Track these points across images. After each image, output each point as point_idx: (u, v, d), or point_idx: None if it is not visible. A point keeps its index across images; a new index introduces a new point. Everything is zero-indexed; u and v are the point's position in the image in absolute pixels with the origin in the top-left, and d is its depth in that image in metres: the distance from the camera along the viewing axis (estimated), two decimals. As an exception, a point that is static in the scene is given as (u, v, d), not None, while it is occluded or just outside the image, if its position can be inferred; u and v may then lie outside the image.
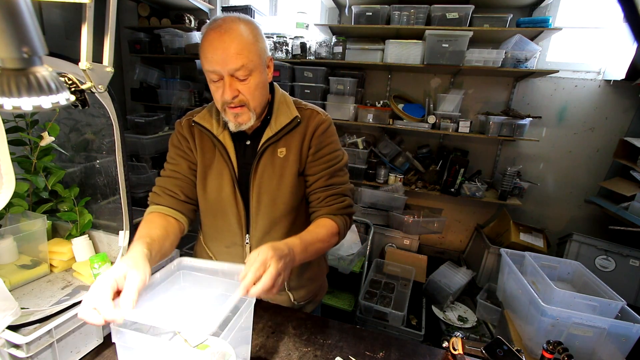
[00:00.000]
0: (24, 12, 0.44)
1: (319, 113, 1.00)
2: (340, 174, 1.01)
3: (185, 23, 3.03)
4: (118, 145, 0.99)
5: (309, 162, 0.98)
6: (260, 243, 0.96)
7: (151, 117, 2.93)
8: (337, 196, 0.99)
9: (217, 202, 0.99)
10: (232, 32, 0.81)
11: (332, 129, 1.01)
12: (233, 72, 0.83)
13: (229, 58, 0.81)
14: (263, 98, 0.92)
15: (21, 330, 0.77)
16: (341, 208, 0.98)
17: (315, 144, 0.97)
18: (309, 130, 0.97)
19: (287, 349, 0.85)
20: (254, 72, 0.85)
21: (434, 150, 2.92)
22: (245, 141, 0.98)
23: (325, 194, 0.98)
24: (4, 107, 0.46)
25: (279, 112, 0.97)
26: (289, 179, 0.97)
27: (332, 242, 0.96)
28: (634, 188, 2.22)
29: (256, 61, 0.85)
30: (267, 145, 0.95)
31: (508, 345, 0.85)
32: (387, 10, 2.48)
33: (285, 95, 1.01)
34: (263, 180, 0.96)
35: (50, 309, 0.86)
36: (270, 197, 0.97)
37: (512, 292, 1.77)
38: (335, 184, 0.99)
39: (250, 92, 0.87)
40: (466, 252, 2.99)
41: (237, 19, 0.84)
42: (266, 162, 0.96)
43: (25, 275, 1.01)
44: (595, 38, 2.51)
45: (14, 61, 0.45)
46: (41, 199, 1.09)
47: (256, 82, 0.87)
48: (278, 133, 0.95)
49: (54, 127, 1.04)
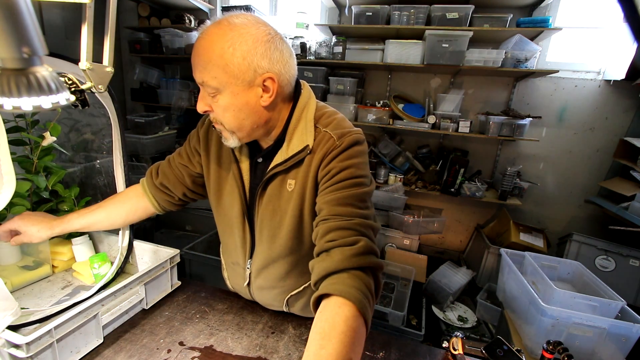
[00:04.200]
0: (24, 12, 0.44)
1: (332, 137, 0.76)
2: (356, 204, 0.71)
3: (185, 23, 3.03)
4: (118, 145, 0.99)
5: (318, 196, 0.76)
6: (258, 274, 0.93)
7: (151, 117, 2.93)
8: (344, 232, 0.66)
9: (228, 218, 0.91)
10: (203, 40, 0.67)
11: (351, 151, 0.75)
12: (200, 84, 0.71)
13: (196, 69, 0.69)
14: (244, 123, 0.73)
15: (21, 330, 0.77)
16: (351, 255, 0.62)
17: (323, 173, 0.76)
18: (315, 161, 0.76)
19: (287, 349, 0.85)
20: (223, 92, 0.69)
21: (434, 150, 2.92)
22: (257, 158, 0.85)
23: (327, 225, 0.68)
24: (4, 107, 0.46)
25: (295, 134, 0.78)
26: (291, 219, 0.81)
27: (362, 340, 0.56)
28: (634, 188, 2.22)
29: (224, 80, 0.68)
30: (275, 172, 0.80)
31: (508, 345, 0.85)
32: (387, 10, 2.48)
33: (308, 111, 0.80)
34: (266, 213, 0.83)
35: (50, 309, 0.86)
36: (270, 233, 0.85)
37: (512, 292, 1.77)
38: (342, 214, 0.69)
39: (220, 113, 0.72)
40: (466, 252, 2.99)
41: (226, 22, 0.68)
42: (273, 192, 0.82)
43: (28, 276, 1.01)
44: (595, 38, 2.50)
45: (14, 61, 0.45)
46: (42, 199, 1.09)
47: (225, 104, 0.70)
48: (288, 161, 0.78)
49: (56, 127, 1.04)
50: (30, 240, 0.93)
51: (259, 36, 0.68)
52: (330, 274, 0.62)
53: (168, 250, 1.07)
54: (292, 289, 0.93)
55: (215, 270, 2.22)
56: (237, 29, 0.67)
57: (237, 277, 1.00)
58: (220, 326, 0.92)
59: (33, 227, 0.92)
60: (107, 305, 0.85)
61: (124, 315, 0.91)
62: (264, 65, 0.69)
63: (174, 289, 1.07)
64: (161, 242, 1.12)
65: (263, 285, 0.94)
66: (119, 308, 0.88)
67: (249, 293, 0.99)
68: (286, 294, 0.93)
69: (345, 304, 0.56)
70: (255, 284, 0.95)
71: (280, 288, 0.93)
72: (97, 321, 0.82)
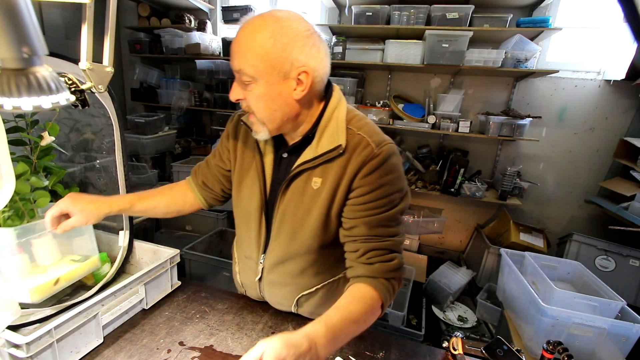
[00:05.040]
0: (24, 12, 0.44)
1: (370, 144, 0.76)
2: (392, 224, 0.79)
3: (185, 23, 3.03)
4: (118, 145, 0.99)
5: (351, 205, 0.80)
6: (271, 270, 0.92)
7: (151, 117, 2.93)
8: (382, 252, 0.78)
9: (246, 211, 0.92)
10: (247, 29, 0.70)
11: (389, 165, 0.77)
12: (235, 72, 0.74)
13: (234, 56, 0.72)
14: (275, 114, 0.76)
15: (21, 330, 0.77)
16: (387, 270, 0.78)
17: (361, 185, 0.77)
18: (351, 166, 0.77)
19: (287, 349, 0.85)
20: (258, 81, 0.72)
21: (434, 150, 2.92)
22: (283, 154, 0.86)
23: (367, 246, 0.78)
24: (4, 107, 0.46)
25: (325, 133, 0.79)
26: (315, 218, 0.81)
27: (372, 319, 0.76)
28: (634, 188, 2.22)
29: (262, 69, 0.70)
30: (302, 169, 0.81)
31: (508, 345, 0.85)
32: (387, 10, 2.48)
33: (340, 111, 0.80)
34: (288, 208, 0.84)
35: (50, 309, 0.86)
36: (290, 229, 0.85)
37: (512, 292, 1.77)
38: (381, 235, 0.78)
39: (253, 102, 0.75)
40: (466, 252, 2.99)
41: (270, 15, 0.71)
42: (297, 189, 0.82)
43: (79, 270, 0.97)
44: (595, 38, 2.51)
45: (14, 61, 0.45)
46: (41, 199, 1.09)
47: (259, 93, 0.73)
48: (317, 158, 0.78)
49: (54, 126, 1.03)
50: (87, 221, 0.86)
51: (299, 31, 0.71)
52: (369, 277, 0.79)
53: (168, 250, 1.07)
54: (305, 288, 0.92)
55: (215, 270, 2.24)
56: (279, 21, 0.70)
57: (249, 271, 0.99)
58: (220, 326, 0.92)
59: (90, 205, 0.86)
60: (107, 305, 0.85)
61: (124, 315, 0.91)
62: (301, 59, 0.71)
63: (174, 289, 1.07)
64: (161, 242, 1.12)
65: (275, 281, 0.93)
66: (119, 308, 0.88)
67: (258, 289, 0.98)
68: (298, 293, 0.93)
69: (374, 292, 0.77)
70: (267, 280, 0.95)
71: (293, 286, 0.92)
72: (97, 321, 0.82)
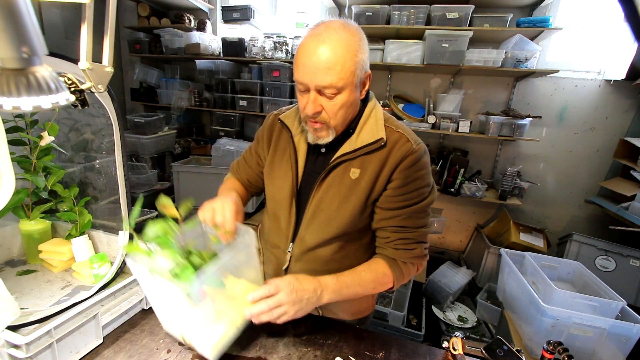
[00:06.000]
0: (24, 12, 0.44)
1: (409, 141, 0.85)
2: (421, 216, 0.89)
3: (185, 23, 3.03)
4: (118, 145, 0.99)
5: (387, 196, 0.87)
6: (300, 257, 0.95)
7: (151, 117, 2.93)
8: (409, 241, 0.89)
9: (276, 201, 0.97)
10: (329, 44, 0.73)
11: (423, 162, 0.87)
12: (320, 88, 0.77)
13: (319, 73, 0.74)
14: (347, 117, 0.84)
15: (21, 330, 0.76)
16: (409, 257, 0.90)
17: (399, 177, 0.85)
18: (392, 159, 0.85)
19: (287, 349, 0.85)
20: (343, 90, 0.77)
21: (433, 150, 2.92)
22: (321, 148, 0.91)
23: (397, 235, 0.89)
24: (4, 107, 0.46)
25: (365, 128, 0.87)
26: (353, 205, 0.87)
27: (378, 290, 0.90)
28: (634, 188, 2.22)
29: (348, 79, 0.76)
30: (341, 161, 0.87)
31: (508, 345, 0.85)
32: (387, 10, 2.48)
33: (377, 111, 0.90)
34: (325, 197, 0.89)
35: (50, 309, 0.86)
36: (326, 217, 0.90)
37: (512, 292, 1.77)
38: (410, 226, 0.89)
39: (334, 112, 0.80)
40: (466, 252, 2.99)
41: (342, 27, 0.75)
42: (334, 179, 0.88)
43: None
44: (595, 38, 2.51)
45: (13, 61, 0.45)
46: (41, 199, 1.09)
47: (343, 101, 0.79)
48: (356, 151, 0.86)
49: (54, 126, 1.03)
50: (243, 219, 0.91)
51: (365, 38, 0.79)
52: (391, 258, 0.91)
53: (168, 250, 1.07)
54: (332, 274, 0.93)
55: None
56: (357, 33, 0.77)
57: (275, 261, 1.02)
58: (220, 326, 0.92)
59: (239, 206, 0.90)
60: (106, 305, 0.85)
61: (123, 315, 0.91)
62: (368, 63, 0.81)
63: (174, 289, 1.07)
64: (161, 242, 1.11)
65: (305, 268, 0.95)
66: (118, 308, 0.88)
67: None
68: None
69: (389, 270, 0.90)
70: (295, 268, 0.97)
71: (322, 272, 0.89)
72: (96, 321, 0.82)
